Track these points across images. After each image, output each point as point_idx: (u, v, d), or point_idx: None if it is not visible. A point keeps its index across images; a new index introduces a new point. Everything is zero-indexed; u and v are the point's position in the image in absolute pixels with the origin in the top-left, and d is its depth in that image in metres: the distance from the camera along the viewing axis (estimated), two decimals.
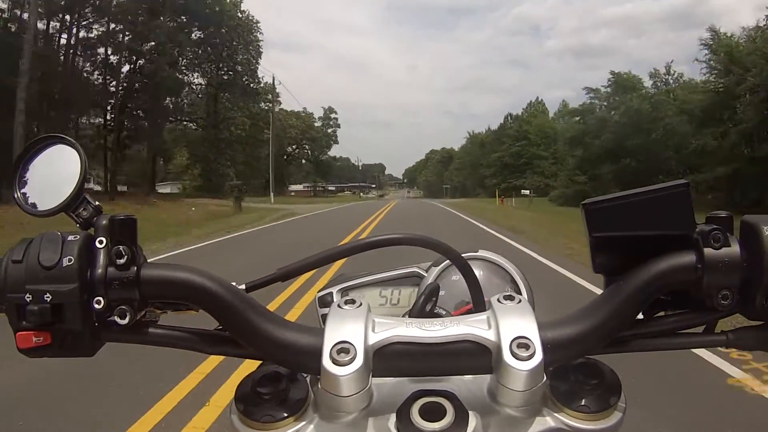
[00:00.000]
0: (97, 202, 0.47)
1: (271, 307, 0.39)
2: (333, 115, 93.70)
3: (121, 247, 0.42)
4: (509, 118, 74.67)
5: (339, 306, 0.43)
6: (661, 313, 0.47)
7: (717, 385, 3.04)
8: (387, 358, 0.40)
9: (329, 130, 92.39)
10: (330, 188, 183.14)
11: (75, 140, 0.49)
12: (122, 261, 0.42)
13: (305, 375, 0.45)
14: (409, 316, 0.55)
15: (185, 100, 40.10)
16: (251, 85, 43.32)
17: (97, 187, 34.50)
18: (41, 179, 0.49)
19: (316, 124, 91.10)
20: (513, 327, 0.39)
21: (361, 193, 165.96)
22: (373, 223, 17.33)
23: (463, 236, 12.91)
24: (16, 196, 0.48)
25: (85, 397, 2.84)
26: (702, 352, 3.42)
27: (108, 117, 33.29)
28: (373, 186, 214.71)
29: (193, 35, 36.75)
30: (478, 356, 0.40)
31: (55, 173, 0.48)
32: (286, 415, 0.43)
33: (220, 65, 40.46)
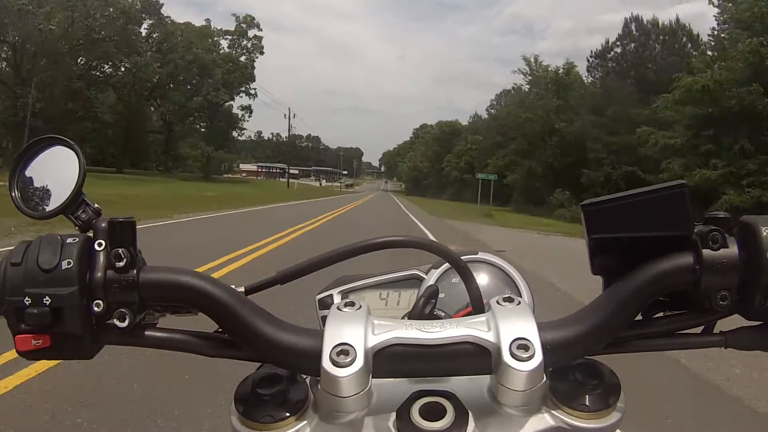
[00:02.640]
0: (96, 204, 0.46)
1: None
2: (253, 32, 50.15)
3: (120, 250, 0.42)
4: (631, 22, 32.84)
5: (339, 308, 0.43)
6: (660, 314, 0.47)
7: None
8: (387, 360, 0.40)
9: (242, 58, 48.93)
10: (292, 171, 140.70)
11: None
12: (121, 264, 0.42)
13: (305, 376, 0.45)
14: (408, 318, 0.55)
15: None
16: None
17: None
18: (39, 181, 0.48)
19: (223, 48, 47.84)
20: (513, 328, 0.40)
21: (323, 181, 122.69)
22: None
23: None
24: (14, 197, 0.47)
25: None
26: None
27: None
28: (345, 172, 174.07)
29: None
30: (478, 357, 0.40)
31: (53, 175, 0.47)
32: (286, 415, 0.42)
33: None
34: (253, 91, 50.66)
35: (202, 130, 48.17)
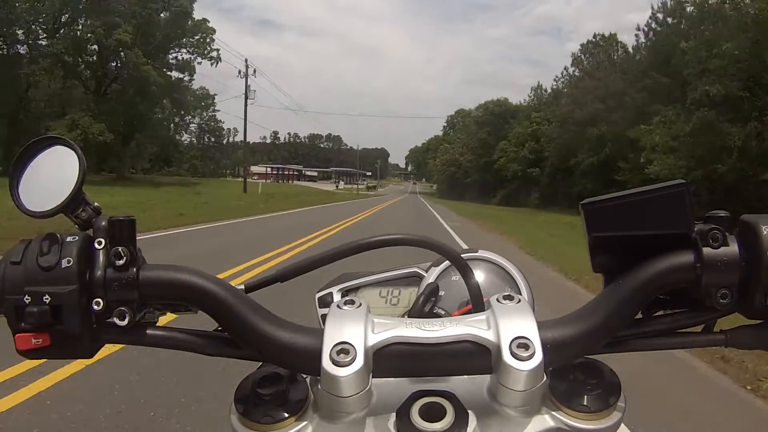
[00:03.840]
0: (96, 203, 0.47)
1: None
2: None
3: (120, 249, 0.42)
4: None
5: (338, 306, 0.43)
6: (660, 313, 0.47)
7: None
8: (387, 359, 0.40)
9: None
10: (309, 173, 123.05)
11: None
12: (121, 262, 0.42)
13: (305, 376, 0.45)
14: (408, 317, 0.56)
15: None
16: None
17: None
18: (40, 180, 0.48)
19: None
20: (513, 327, 0.39)
21: (341, 183, 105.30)
22: None
23: None
24: (14, 196, 0.47)
25: None
26: None
27: None
28: (369, 174, 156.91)
29: None
30: (478, 356, 0.40)
31: (53, 174, 0.48)
32: (286, 415, 0.43)
33: None
34: (213, 51, 33.45)
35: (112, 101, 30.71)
